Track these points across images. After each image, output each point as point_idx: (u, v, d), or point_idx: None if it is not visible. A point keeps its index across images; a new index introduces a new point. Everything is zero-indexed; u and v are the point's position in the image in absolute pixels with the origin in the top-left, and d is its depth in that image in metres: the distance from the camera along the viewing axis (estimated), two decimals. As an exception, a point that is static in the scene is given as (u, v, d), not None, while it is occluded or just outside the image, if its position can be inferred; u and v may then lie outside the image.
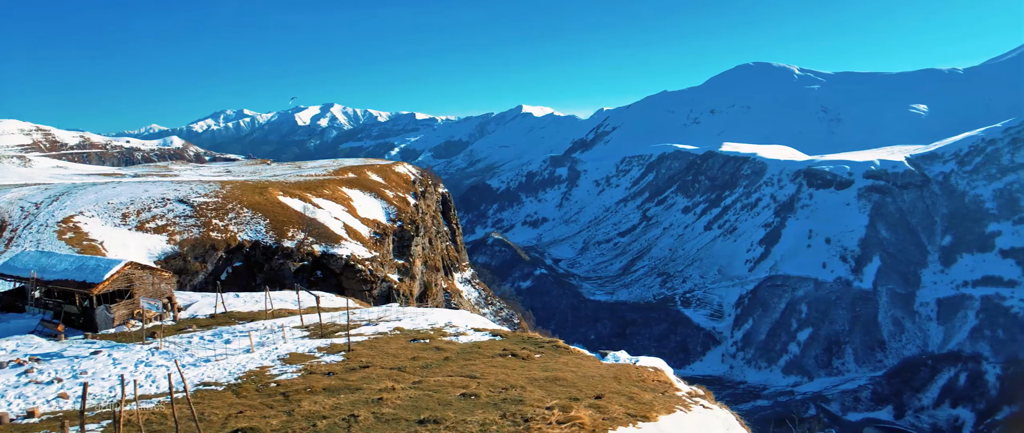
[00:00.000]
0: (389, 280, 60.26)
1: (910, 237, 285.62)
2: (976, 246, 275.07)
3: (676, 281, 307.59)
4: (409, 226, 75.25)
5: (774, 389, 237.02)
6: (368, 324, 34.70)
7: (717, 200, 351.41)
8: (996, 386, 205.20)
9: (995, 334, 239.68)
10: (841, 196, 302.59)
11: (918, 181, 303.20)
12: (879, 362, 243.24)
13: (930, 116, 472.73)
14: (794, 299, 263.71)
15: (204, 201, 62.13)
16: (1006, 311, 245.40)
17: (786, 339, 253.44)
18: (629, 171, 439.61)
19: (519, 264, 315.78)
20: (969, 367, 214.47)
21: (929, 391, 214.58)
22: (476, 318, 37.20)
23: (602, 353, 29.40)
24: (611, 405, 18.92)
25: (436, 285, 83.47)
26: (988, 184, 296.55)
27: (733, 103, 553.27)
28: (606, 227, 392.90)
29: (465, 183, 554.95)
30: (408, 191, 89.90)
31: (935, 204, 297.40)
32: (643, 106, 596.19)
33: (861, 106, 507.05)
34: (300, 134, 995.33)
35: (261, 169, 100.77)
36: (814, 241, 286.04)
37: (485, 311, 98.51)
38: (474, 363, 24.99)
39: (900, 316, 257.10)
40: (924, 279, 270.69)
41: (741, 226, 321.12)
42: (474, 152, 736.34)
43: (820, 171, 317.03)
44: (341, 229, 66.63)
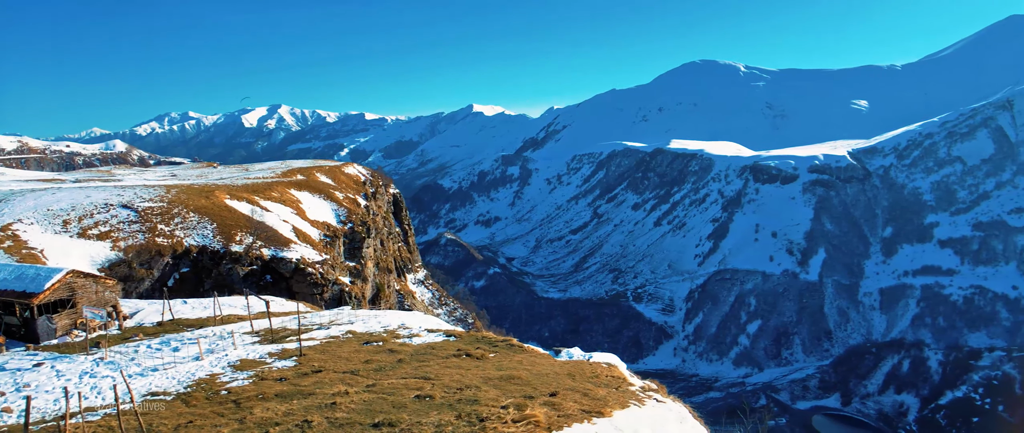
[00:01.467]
0: (340, 283, 59.60)
1: (853, 229, 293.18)
2: (916, 237, 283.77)
3: (628, 277, 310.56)
4: (360, 228, 74.51)
5: (725, 381, 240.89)
6: (320, 328, 34.31)
7: (666, 196, 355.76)
8: (938, 372, 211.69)
9: (936, 322, 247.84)
10: (786, 190, 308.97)
11: (860, 175, 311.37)
12: (826, 351, 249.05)
13: (871, 111, 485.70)
14: (743, 292, 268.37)
15: (149, 206, 60.70)
16: (945, 299, 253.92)
17: (736, 331, 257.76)
18: (580, 169, 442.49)
19: (472, 263, 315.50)
20: (912, 354, 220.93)
21: (874, 378, 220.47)
22: (430, 319, 37.06)
23: (556, 350, 29.55)
24: (566, 402, 19.02)
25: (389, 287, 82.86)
26: (926, 177, 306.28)
27: (681, 101, 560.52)
28: (558, 225, 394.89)
29: (416, 183, 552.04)
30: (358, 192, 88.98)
31: (876, 197, 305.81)
32: (593, 104, 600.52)
33: (805, 102, 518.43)
34: (247, 136, 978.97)
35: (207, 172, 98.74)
36: (761, 235, 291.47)
37: (439, 312, 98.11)
38: (428, 364, 24.91)
39: (845, 306, 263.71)
40: (867, 270, 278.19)
41: (690, 222, 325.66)
42: (425, 152, 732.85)
43: (766, 166, 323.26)
44: (290, 232, 65.70)
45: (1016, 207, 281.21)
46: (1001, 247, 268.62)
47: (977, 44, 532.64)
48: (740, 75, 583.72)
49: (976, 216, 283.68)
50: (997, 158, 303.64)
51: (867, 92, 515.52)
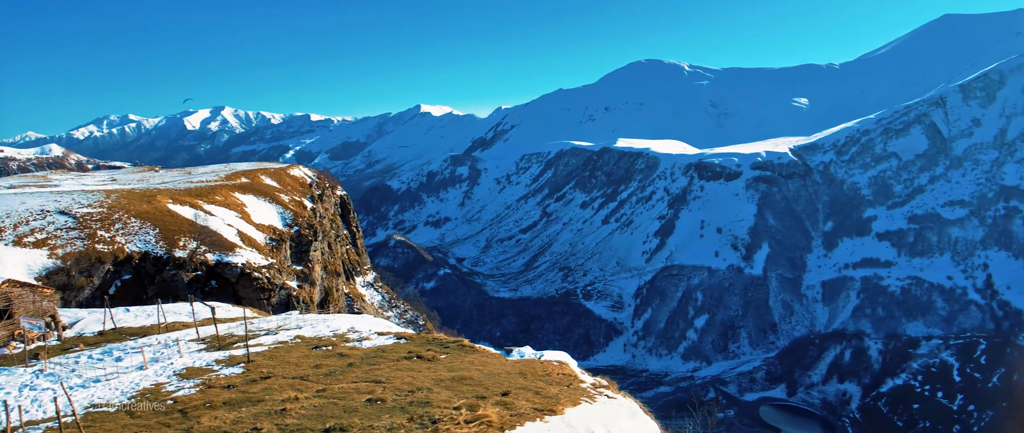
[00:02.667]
0: (288, 287, 58.73)
1: (795, 224, 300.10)
2: (855, 230, 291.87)
3: (577, 275, 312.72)
4: (307, 231, 73.56)
5: (675, 375, 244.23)
6: (268, 333, 33.78)
7: (614, 194, 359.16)
8: (879, 360, 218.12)
9: (875, 312, 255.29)
10: (730, 187, 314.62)
11: (801, 171, 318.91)
12: (771, 344, 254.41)
13: (811, 109, 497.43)
14: (690, 287, 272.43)
15: (88, 212, 58.96)
16: (884, 290, 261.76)
17: (684, 326, 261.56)
18: (529, 168, 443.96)
19: (422, 265, 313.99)
20: (853, 344, 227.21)
21: (818, 368, 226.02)
22: (380, 322, 36.76)
23: (507, 350, 29.63)
24: (518, 401, 19.12)
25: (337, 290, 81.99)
26: (864, 172, 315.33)
27: (627, 100, 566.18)
28: (508, 224, 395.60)
29: (364, 185, 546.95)
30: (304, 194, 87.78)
31: (817, 192, 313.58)
32: (540, 104, 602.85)
33: (747, 100, 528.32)
34: (190, 139, 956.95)
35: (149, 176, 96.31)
36: (706, 231, 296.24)
37: (389, 314, 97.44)
38: (379, 367, 24.73)
39: (789, 299, 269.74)
40: (809, 263, 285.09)
41: (637, 219, 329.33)
42: (372, 153, 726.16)
43: (710, 164, 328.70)
44: (235, 236, 64.47)
45: (949, 200, 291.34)
46: (936, 239, 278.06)
47: (912, 43, 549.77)
48: (684, 74, 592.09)
49: (912, 209, 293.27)
50: (931, 153, 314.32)
51: (807, 90, 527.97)
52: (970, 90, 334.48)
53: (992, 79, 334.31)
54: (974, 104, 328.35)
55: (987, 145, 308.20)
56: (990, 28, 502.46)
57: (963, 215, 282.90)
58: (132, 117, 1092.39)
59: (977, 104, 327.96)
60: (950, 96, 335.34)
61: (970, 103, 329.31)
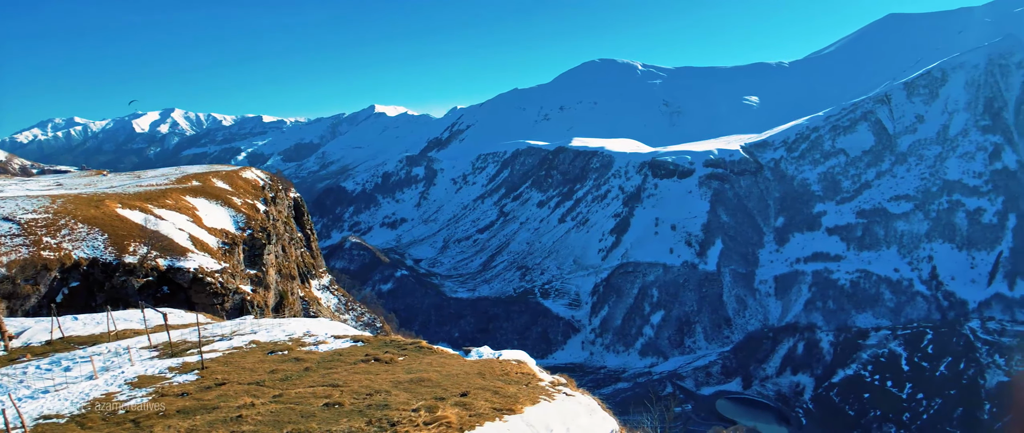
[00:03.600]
0: (242, 292, 57.88)
1: (747, 220, 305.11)
2: (805, 225, 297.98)
3: (535, 274, 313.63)
4: (260, 234, 72.57)
5: (633, 371, 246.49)
6: (222, 339, 33.27)
7: (569, 193, 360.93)
8: (830, 352, 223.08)
9: (826, 305, 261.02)
10: (684, 185, 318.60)
11: (752, 168, 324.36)
12: (726, 338, 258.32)
13: (761, 107, 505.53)
14: (646, 284, 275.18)
15: (33, 218, 57.34)
16: (834, 283, 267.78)
17: (640, 323, 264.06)
18: (485, 168, 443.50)
19: (379, 267, 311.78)
20: (805, 337, 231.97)
21: (772, 361, 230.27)
22: (336, 325, 36.46)
23: (466, 350, 29.61)
24: (477, 401, 19.16)
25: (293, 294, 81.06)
26: (813, 168, 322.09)
27: (581, 99, 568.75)
28: (465, 225, 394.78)
29: (318, 186, 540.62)
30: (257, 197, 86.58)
31: (768, 188, 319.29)
32: (496, 104, 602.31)
33: (699, 99, 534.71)
34: (139, 142, 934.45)
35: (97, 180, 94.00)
36: (661, 228, 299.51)
37: (346, 317, 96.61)
38: (336, 371, 24.55)
39: (742, 294, 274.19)
40: (762, 258, 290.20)
41: (593, 217, 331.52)
42: (326, 154, 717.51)
43: (664, 162, 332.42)
44: (187, 241, 63.29)
45: (895, 195, 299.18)
46: (883, 233, 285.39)
47: (858, 42, 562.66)
48: (638, 73, 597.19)
49: (859, 204, 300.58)
50: (877, 149, 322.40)
51: (758, 88, 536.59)
52: (914, 87, 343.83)
53: (935, 77, 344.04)
54: (918, 101, 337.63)
55: (930, 141, 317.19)
56: (933, 27, 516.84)
57: (908, 209, 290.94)
58: (78, 120, 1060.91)
59: (920, 101, 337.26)
60: (895, 93, 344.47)
61: (914, 100, 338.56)
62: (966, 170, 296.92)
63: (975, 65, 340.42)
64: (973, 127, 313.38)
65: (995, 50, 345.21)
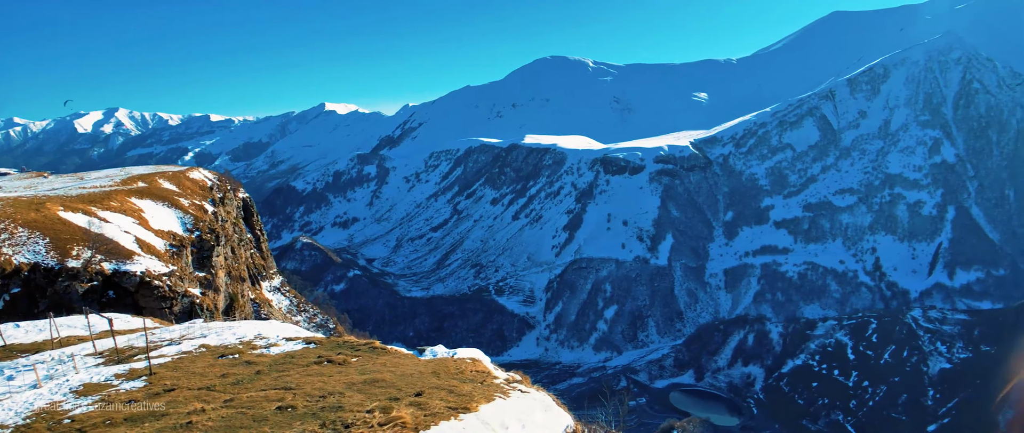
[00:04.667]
0: (190, 295, 56.80)
1: (697, 215, 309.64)
2: (754, 219, 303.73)
3: (489, 271, 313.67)
4: (209, 235, 71.29)
5: (587, 366, 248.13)
6: (170, 344, 32.63)
7: (523, 190, 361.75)
8: (780, 343, 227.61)
9: (775, 297, 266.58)
10: (635, 180, 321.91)
11: (702, 163, 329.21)
12: (678, 331, 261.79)
13: (710, 103, 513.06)
14: (599, 279, 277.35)
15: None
16: (782, 275, 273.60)
17: (594, 318, 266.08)
18: (438, 166, 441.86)
19: (331, 267, 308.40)
20: (755, 328, 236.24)
21: (723, 353, 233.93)
22: (288, 327, 36.06)
23: (420, 350, 29.53)
24: (432, 401, 19.16)
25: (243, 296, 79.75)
26: (761, 163, 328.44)
27: (533, 96, 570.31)
28: (418, 223, 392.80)
29: (268, 186, 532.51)
30: (205, 198, 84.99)
31: (717, 183, 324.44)
32: (448, 101, 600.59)
33: (650, 95, 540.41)
34: (81, 142, 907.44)
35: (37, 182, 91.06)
36: (613, 224, 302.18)
37: (298, 318, 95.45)
38: (288, 374, 24.27)
39: (693, 287, 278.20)
40: (712, 252, 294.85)
41: (546, 214, 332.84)
42: (276, 153, 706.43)
43: (615, 158, 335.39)
44: (133, 243, 61.78)
45: (840, 188, 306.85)
46: (828, 225, 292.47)
47: (803, 38, 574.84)
48: (589, 70, 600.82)
49: (805, 198, 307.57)
50: (822, 144, 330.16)
51: (706, 85, 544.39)
52: (857, 84, 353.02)
53: (877, 73, 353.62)
54: (860, 97, 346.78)
55: (873, 136, 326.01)
56: (875, 24, 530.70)
57: (852, 202, 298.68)
58: (17, 120, 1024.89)
59: (863, 97, 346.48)
60: (839, 89, 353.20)
61: (857, 96, 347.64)
62: (907, 164, 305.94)
63: (915, 62, 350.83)
64: (913, 122, 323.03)
65: (934, 47, 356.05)
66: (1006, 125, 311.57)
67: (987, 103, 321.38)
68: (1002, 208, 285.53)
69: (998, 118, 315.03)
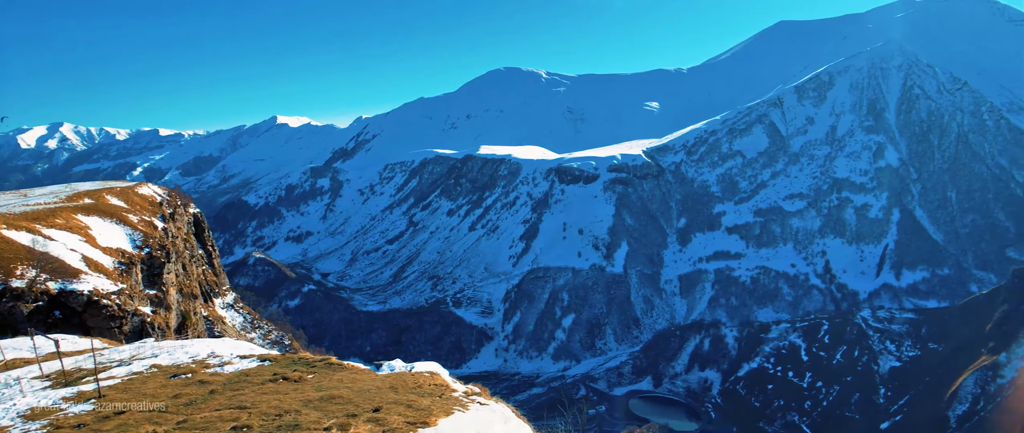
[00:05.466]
0: (141, 314, 55.55)
1: (651, 222, 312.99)
2: (706, 226, 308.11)
3: (446, 283, 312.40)
4: (159, 252, 69.88)
5: (546, 376, 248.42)
6: (120, 365, 31.87)
7: (479, 201, 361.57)
8: (735, 347, 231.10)
9: (729, 301, 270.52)
10: (589, 189, 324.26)
11: (655, 171, 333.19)
12: (636, 338, 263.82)
13: (662, 112, 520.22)
14: (556, 288, 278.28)
15: (-98, 245, 53.54)
16: (735, 280, 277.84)
17: (552, 327, 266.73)
18: (392, 178, 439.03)
19: (285, 282, 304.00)
20: (711, 333, 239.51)
21: (680, 359, 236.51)
22: (242, 345, 35.50)
23: (377, 364, 29.33)
24: (390, 416, 19.04)
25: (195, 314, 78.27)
26: (712, 170, 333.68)
27: (487, 107, 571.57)
28: (374, 236, 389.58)
29: (219, 201, 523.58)
30: (155, 214, 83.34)
31: (670, 191, 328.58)
32: (402, 113, 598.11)
33: (602, 105, 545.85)
34: (24, 158, 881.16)
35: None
36: (569, 233, 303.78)
37: (253, 335, 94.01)
38: (243, 392, 23.91)
39: (649, 294, 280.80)
40: (666, 259, 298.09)
41: (502, 224, 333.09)
42: (227, 167, 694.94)
43: (569, 168, 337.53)
44: (80, 262, 60.23)
45: (789, 194, 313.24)
46: (779, 230, 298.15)
47: (751, 47, 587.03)
48: (542, 81, 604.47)
49: (756, 204, 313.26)
50: (771, 150, 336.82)
51: (658, 94, 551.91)
52: (804, 91, 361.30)
53: (823, 80, 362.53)
54: (808, 104, 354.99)
55: (820, 141, 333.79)
56: (821, 33, 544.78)
57: (802, 207, 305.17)
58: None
59: (810, 104, 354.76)
60: (786, 97, 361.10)
61: (804, 103, 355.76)
62: (853, 168, 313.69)
63: (859, 69, 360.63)
64: (858, 127, 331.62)
65: (877, 54, 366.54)
66: (946, 129, 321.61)
67: (928, 108, 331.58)
68: (945, 209, 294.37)
69: (939, 122, 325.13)
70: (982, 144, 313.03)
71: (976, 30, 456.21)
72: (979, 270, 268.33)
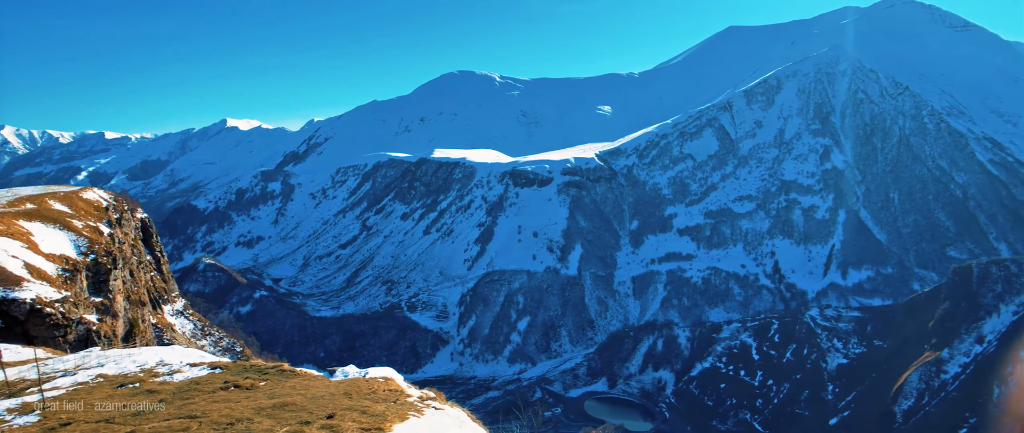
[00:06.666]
0: (87, 322, 54.13)
1: (604, 224, 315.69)
2: (658, 228, 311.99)
3: (401, 287, 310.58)
4: (105, 258, 68.10)
5: (502, 379, 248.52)
6: (65, 375, 31.08)
7: (433, 205, 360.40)
8: (688, 347, 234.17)
9: (681, 302, 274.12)
10: (543, 192, 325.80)
11: (607, 174, 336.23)
12: (590, 340, 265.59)
13: (614, 116, 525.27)
14: (511, 291, 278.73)
15: None
16: (687, 281, 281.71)
17: (508, 330, 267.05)
18: (345, 182, 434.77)
19: (236, 288, 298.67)
20: (664, 333, 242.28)
21: (634, 359, 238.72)
22: (192, 352, 34.91)
23: (331, 371, 29.11)
24: (344, 423, 18.95)
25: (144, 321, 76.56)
26: (664, 173, 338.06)
27: (441, 110, 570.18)
28: (326, 240, 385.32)
29: (167, 206, 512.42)
30: (101, 219, 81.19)
31: (623, 194, 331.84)
32: (354, 116, 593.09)
33: (556, 109, 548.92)
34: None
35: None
36: (523, 236, 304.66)
37: (203, 343, 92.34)
38: (193, 402, 23.53)
39: (603, 296, 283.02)
40: (619, 261, 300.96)
41: (457, 228, 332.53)
42: (175, 171, 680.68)
43: (523, 171, 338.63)
44: (22, 269, 58.46)
45: (739, 196, 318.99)
46: (729, 231, 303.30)
47: (701, 52, 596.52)
48: (496, 85, 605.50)
49: (706, 206, 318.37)
50: (721, 153, 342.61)
51: (610, 98, 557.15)
52: (752, 95, 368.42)
53: (771, 84, 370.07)
54: (756, 107, 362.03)
55: (769, 144, 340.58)
56: (769, 38, 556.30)
57: (751, 208, 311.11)
58: None
59: (759, 107, 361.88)
60: (736, 101, 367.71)
61: (753, 107, 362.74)
62: (800, 170, 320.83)
63: (806, 73, 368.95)
64: (805, 131, 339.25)
65: (823, 59, 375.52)
66: (889, 132, 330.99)
67: (871, 112, 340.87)
68: (887, 210, 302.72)
69: (882, 125, 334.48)
70: (923, 147, 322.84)
71: (918, 36, 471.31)
72: (921, 269, 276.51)
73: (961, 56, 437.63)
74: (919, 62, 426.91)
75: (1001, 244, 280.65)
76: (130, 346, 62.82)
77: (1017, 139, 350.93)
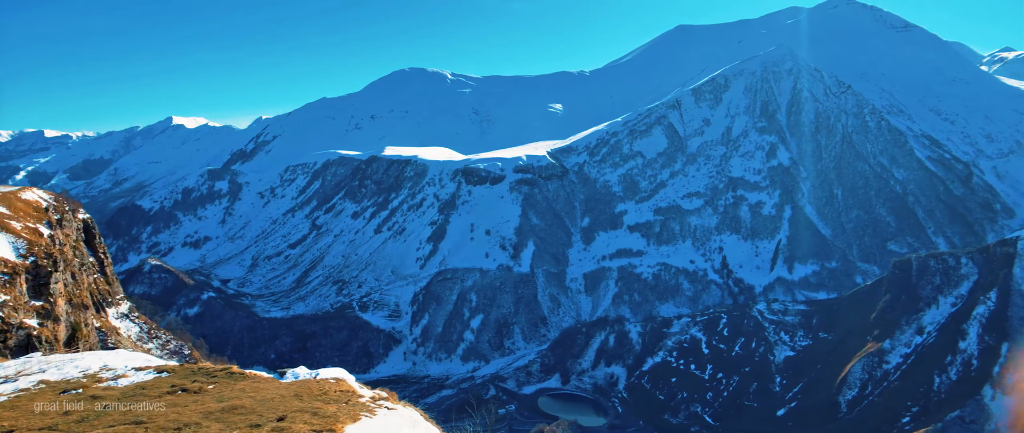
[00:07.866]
0: (27, 327, 52.80)
1: (556, 222, 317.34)
2: (609, 224, 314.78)
3: (352, 287, 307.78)
4: (45, 261, 66.34)
5: (456, 377, 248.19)
6: (6, 382, 30.29)
7: (385, 203, 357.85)
8: (639, 342, 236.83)
9: (632, 298, 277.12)
10: (496, 190, 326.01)
11: (559, 172, 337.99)
12: (543, 337, 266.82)
13: (565, 113, 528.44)
14: (464, 289, 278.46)
15: None
16: (638, 277, 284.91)
17: (461, 328, 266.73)
18: (294, 180, 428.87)
19: (183, 290, 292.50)
20: (615, 329, 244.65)
21: (587, 355, 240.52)
22: (137, 356, 34.29)
23: (281, 372, 28.89)
24: (295, 425, 18.91)
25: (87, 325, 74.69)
26: (614, 171, 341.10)
27: (392, 108, 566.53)
28: (275, 240, 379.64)
29: (111, 206, 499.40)
30: (40, 220, 79.05)
31: (574, 191, 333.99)
32: (303, 113, 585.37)
33: (508, 107, 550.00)
34: None
35: None
36: (476, 234, 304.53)
37: (150, 346, 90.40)
38: (139, 407, 23.16)
39: (555, 293, 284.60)
40: (571, 257, 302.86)
41: (409, 226, 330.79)
42: (119, 170, 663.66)
43: (476, 169, 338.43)
44: (-44, 275, 56.76)
45: (687, 192, 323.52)
46: (678, 228, 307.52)
47: (651, 51, 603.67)
48: (447, 82, 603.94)
49: (656, 203, 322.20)
50: (670, 151, 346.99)
51: (562, 96, 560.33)
52: (701, 93, 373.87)
53: (719, 83, 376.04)
54: (704, 106, 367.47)
55: (716, 142, 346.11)
56: (717, 37, 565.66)
57: (699, 205, 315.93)
58: None
59: (707, 106, 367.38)
60: (684, 99, 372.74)
61: (701, 105, 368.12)
62: (747, 167, 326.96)
63: (752, 72, 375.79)
64: (752, 128, 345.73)
65: (769, 58, 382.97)
66: (833, 130, 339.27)
67: (816, 110, 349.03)
68: (831, 206, 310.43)
69: (826, 123, 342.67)
70: (864, 144, 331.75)
71: (861, 37, 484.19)
72: (863, 262, 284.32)
73: (902, 56, 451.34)
74: (862, 62, 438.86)
75: (939, 238, 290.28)
76: (73, 351, 61.26)
77: (954, 136, 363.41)
